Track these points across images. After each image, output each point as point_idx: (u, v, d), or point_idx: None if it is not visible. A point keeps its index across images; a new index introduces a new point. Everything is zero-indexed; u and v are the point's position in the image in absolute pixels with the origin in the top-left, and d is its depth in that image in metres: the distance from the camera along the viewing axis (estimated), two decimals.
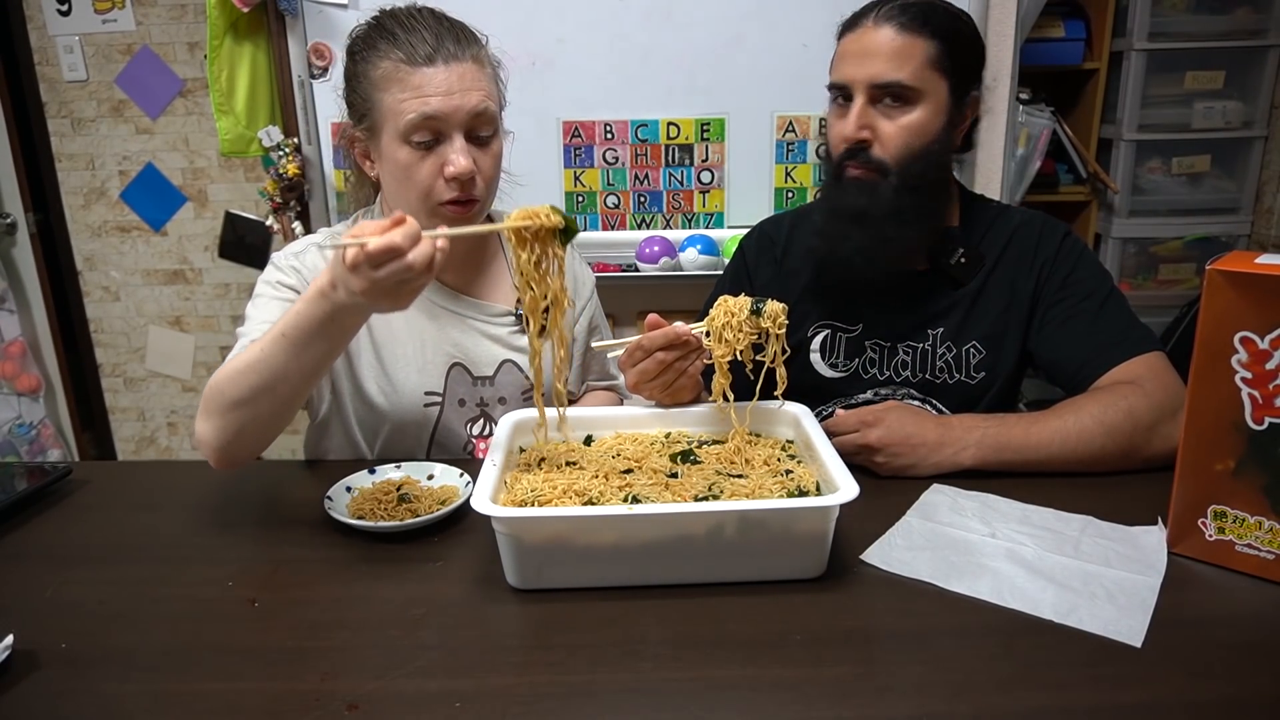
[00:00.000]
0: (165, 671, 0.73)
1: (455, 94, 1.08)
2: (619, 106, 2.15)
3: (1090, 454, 1.04)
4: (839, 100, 1.18)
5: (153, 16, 2.52)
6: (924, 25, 1.11)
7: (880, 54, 1.11)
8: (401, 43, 1.08)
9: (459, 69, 1.08)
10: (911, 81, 1.11)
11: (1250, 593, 0.82)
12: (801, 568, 0.84)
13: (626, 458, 0.99)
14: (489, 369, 1.23)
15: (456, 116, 1.08)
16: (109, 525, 1.03)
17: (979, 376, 1.23)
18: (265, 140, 2.17)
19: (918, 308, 1.24)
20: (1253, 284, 0.78)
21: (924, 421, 1.07)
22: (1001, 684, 0.69)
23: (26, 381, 2.67)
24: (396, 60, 1.08)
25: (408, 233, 0.80)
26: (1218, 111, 2.67)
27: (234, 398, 0.95)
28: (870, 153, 1.14)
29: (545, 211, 0.92)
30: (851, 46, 1.15)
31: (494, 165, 1.15)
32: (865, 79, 1.12)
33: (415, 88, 1.07)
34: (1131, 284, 2.82)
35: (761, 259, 1.35)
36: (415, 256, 0.80)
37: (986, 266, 1.23)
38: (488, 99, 1.11)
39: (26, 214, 2.62)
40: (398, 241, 0.79)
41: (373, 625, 0.79)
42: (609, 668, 0.73)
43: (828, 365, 1.28)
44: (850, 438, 1.07)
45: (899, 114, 1.13)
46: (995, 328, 1.22)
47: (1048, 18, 2.51)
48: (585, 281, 1.37)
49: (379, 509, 0.98)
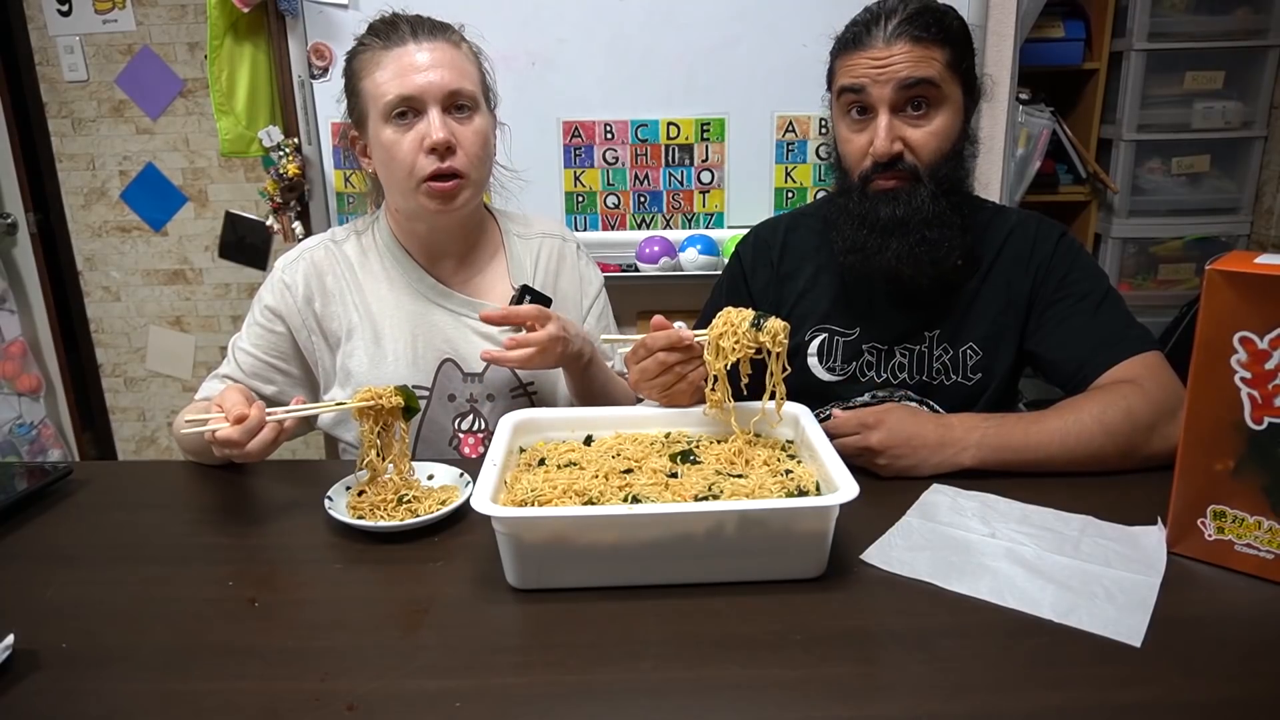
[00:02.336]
0: (165, 671, 0.73)
1: (430, 70, 1.14)
2: (619, 106, 2.15)
3: (1089, 453, 1.04)
4: (854, 113, 1.16)
5: (153, 17, 2.52)
6: (938, 31, 1.12)
7: (902, 66, 1.10)
8: (381, 33, 1.17)
9: (432, 46, 1.15)
10: (937, 82, 1.12)
11: (1250, 592, 0.82)
12: (801, 568, 0.84)
13: (626, 458, 0.99)
14: (479, 365, 1.25)
15: (431, 90, 1.13)
16: (109, 525, 1.03)
17: (976, 377, 1.23)
18: (265, 140, 2.17)
19: (914, 310, 1.24)
20: (1252, 284, 0.78)
21: (924, 422, 1.07)
22: (1001, 684, 0.70)
23: (27, 381, 2.67)
24: (375, 48, 1.16)
25: (247, 429, 0.96)
26: (1217, 111, 2.67)
27: (184, 445, 1.16)
28: (903, 162, 1.15)
29: (388, 393, 1.02)
30: (865, 62, 1.13)
31: (477, 141, 1.17)
32: (890, 91, 1.11)
33: (392, 66, 1.14)
34: (1131, 284, 2.82)
35: (758, 263, 1.35)
36: (253, 446, 0.97)
37: (983, 268, 1.23)
38: (463, 78, 1.16)
39: (27, 214, 2.62)
40: (235, 438, 0.95)
41: (373, 625, 0.80)
42: (609, 668, 0.73)
43: (825, 369, 1.28)
44: (851, 440, 1.06)
45: (925, 121, 1.14)
46: (992, 329, 1.22)
47: (1048, 18, 2.51)
48: (592, 282, 1.38)
49: (379, 509, 0.98)
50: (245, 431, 0.96)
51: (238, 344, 1.24)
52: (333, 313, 1.23)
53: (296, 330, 1.23)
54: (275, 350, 1.23)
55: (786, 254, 1.33)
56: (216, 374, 1.24)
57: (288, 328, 1.23)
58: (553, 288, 1.32)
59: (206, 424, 0.98)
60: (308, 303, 1.23)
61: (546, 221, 1.39)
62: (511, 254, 1.32)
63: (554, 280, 1.33)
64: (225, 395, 1.00)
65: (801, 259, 1.31)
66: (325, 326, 1.23)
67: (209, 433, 0.97)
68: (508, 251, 1.32)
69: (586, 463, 0.97)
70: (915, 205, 1.15)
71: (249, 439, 0.96)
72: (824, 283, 1.28)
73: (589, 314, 1.35)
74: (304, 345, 1.24)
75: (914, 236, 1.15)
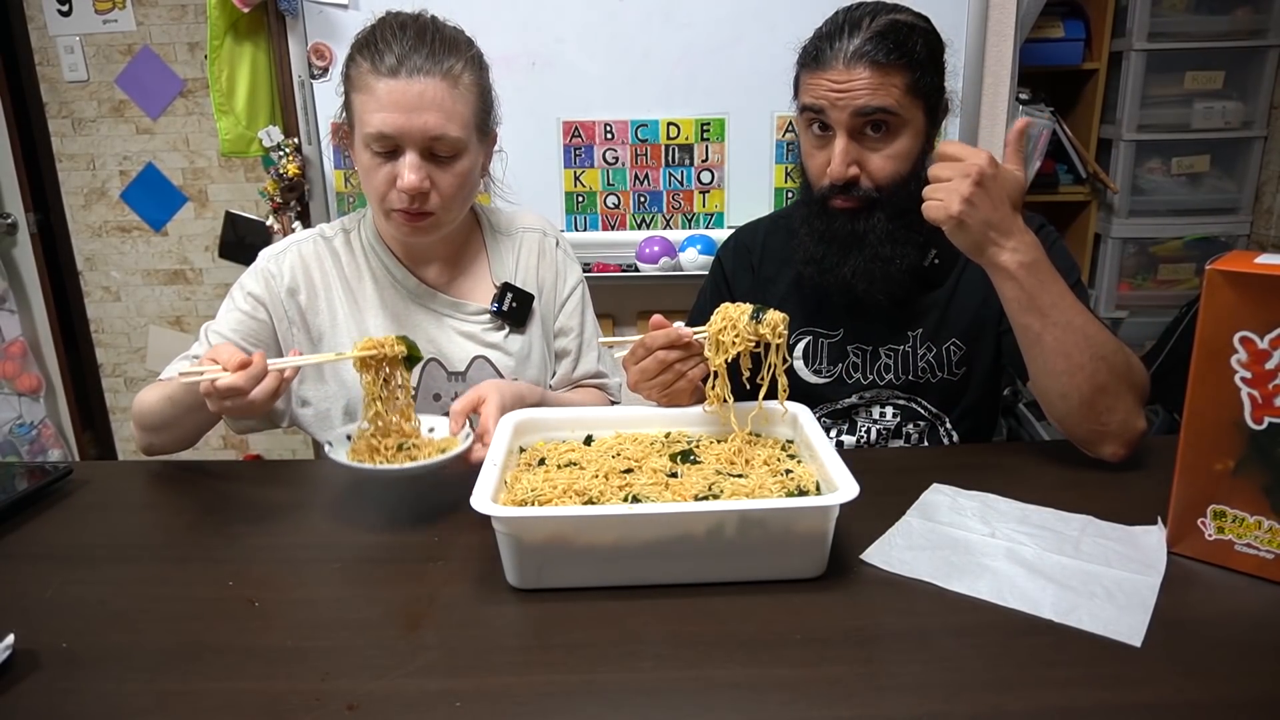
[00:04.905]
0: (165, 671, 0.73)
1: (412, 112, 1.08)
2: (619, 106, 2.15)
3: (1083, 359, 1.01)
4: (815, 129, 1.17)
5: (153, 17, 2.52)
6: (900, 57, 1.10)
7: (860, 93, 1.10)
8: (377, 49, 1.09)
9: (422, 86, 1.08)
10: (896, 108, 1.11)
11: (1250, 592, 0.82)
12: (801, 567, 0.84)
13: (626, 457, 0.99)
14: (461, 364, 1.25)
15: (410, 136, 1.09)
16: (109, 525, 1.03)
17: (960, 372, 1.25)
18: (265, 140, 2.17)
19: (896, 311, 1.24)
20: (1252, 284, 0.78)
21: (1009, 207, 1.02)
22: (1001, 684, 0.69)
23: (27, 381, 2.67)
24: (366, 68, 1.10)
25: (251, 374, 0.93)
26: (1217, 111, 2.67)
27: (144, 422, 1.15)
28: (859, 186, 1.15)
29: (390, 342, 1.01)
30: (824, 84, 1.12)
31: (454, 184, 1.14)
32: (848, 116, 1.11)
33: (377, 98, 1.08)
34: (1131, 284, 2.82)
35: (739, 268, 1.35)
36: (257, 394, 0.93)
37: (960, 263, 1.23)
38: (449, 121, 1.10)
39: (27, 214, 2.62)
40: (240, 384, 0.92)
41: (373, 625, 0.79)
42: (609, 667, 0.73)
43: (811, 371, 1.29)
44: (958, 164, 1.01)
45: (884, 145, 1.14)
46: (973, 323, 1.24)
47: (1047, 18, 2.51)
48: (567, 278, 1.36)
49: (379, 454, 0.99)
50: (250, 377, 0.92)
51: (212, 328, 1.21)
52: (317, 307, 1.23)
53: (278, 320, 1.22)
54: (252, 336, 1.20)
55: (767, 258, 1.33)
56: (185, 356, 1.20)
57: (269, 315, 1.21)
58: (534, 282, 1.31)
59: (203, 375, 0.93)
60: (291, 295, 1.22)
61: (529, 216, 1.38)
62: (494, 252, 1.32)
63: (534, 274, 1.32)
64: (218, 349, 0.96)
65: (782, 262, 1.32)
66: (308, 320, 1.23)
67: (207, 383, 0.92)
68: (490, 250, 1.32)
69: (586, 462, 0.97)
70: (871, 224, 1.16)
71: (253, 385, 0.93)
72: (806, 285, 1.27)
73: (561, 310, 1.35)
74: (283, 335, 1.23)
75: (869, 253, 1.17)
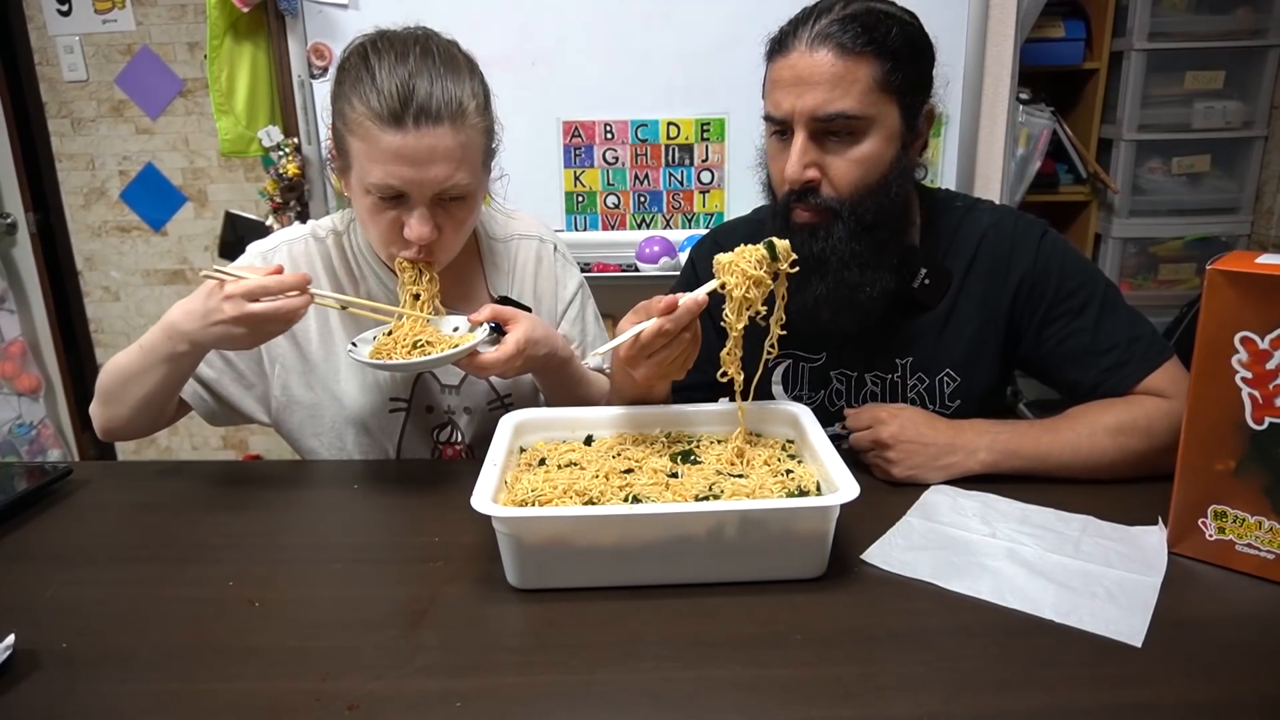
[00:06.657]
0: (165, 671, 0.73)
1: (421, 165, 1.01)
2: (619, 106, 2.15)
3: (1101, 465, 1.02)
4: (777, 134, 1.06)
5: (153, 16, 2.52)
6: (867, 43, 0.99)
7: (819, 82, 0.99)
8: (376, 91, 1.00)
9: (431, 140, 1.00)
10: (858, 111, 0.99)
11: (1250, 593, 0.82)
12: (802, 568, 0.84)
13: (626, 458, 0.99)
14: (454, 378, 1.22)
15: (419, 191, 1.03)
16: (109, 525, 1.03)
17: (954, 405, 1.16)
18: (265, 140, 2.17)
19: (884, 335, 1.14)
20: (1253, 284, 0.78)
21: (936, 423, 1.05)
22: (1001, 684, 0.69)
23: (26, 381, 2.67)
24: (363, 112, 1.00)
25: (283, 282, 0.95)
26: (1218, 111, 2.67)
27: (105, 384, 1.09)
28: (819, 194, 1.04)
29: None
30: (785, 74, 1.01)
31: (462, 225, 1.10)
32: (805, 112, 1.00)
33: (380, 151, 1.00)
34: (1131, 284, 2.82)
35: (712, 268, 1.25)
36: (285, 304, 0.95)
37: (954, 284, 1.14)
38: (459, 168, 1.03)
39: (26, 214, 2.62)
40: (270, 285, 0.94)
41: (373, 625, 0.79)
42: (609, 668, 0.73)
43: (791, 398, 1.20)
44: (864, 434, 1.05)
45: (847, 148, 1.02)
46: (969, 350, 1.14)
47: (1048, 18, 2.51)
48: (567, 285, 1.31)
49: (395, 353, 1.05)
50: (281, 284, 0.95)
51: None
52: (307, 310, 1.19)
53: None
54: None
55: None
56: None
57: None
58: (531, 291, 1.27)
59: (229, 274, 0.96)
60: None
61: (525, 220, 1.32)
62: (489, 262, 1.27)
63: (532, 284, 1.28)
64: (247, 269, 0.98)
65: None
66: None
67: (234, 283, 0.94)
68: (484, 258, 1.27)
69: (587, 463, 0.97)
70: (832, 243, 1.04)
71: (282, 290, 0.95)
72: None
73: (563, 318, 1.30)
74: None
75: (832, 279, 1.05)
